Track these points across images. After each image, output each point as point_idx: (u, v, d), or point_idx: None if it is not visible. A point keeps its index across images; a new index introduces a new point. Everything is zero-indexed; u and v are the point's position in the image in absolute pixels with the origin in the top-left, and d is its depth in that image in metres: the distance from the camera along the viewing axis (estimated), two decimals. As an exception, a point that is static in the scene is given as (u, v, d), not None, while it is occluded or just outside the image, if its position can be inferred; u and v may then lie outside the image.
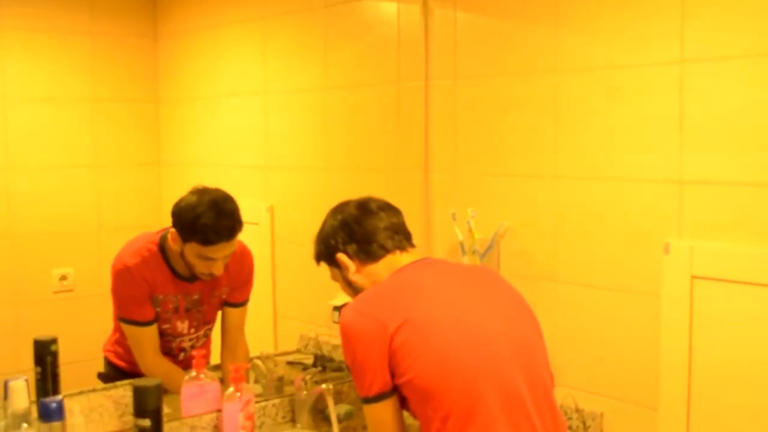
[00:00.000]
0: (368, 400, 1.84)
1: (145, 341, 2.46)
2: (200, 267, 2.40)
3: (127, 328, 2.46)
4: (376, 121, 2.89)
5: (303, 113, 3.04)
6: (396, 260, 2.00)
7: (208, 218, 2.34)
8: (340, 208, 2.09)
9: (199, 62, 3.18)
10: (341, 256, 2.02)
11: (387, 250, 2.00)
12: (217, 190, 2.43)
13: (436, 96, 2.73)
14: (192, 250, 2.37)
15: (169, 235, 2.41)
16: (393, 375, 1.82)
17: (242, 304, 2.65)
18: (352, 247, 2.01)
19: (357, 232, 2.02)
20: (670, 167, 2.19)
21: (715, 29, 2.09)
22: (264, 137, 3.09)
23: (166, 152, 3.09)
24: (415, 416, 1.85)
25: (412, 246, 2.06)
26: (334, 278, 2.10)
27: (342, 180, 2.93)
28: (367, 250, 2.00)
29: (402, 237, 2.05)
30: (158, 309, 2.46)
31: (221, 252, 2.38)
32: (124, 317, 2.45)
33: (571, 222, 2.41)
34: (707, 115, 2.12)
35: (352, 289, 2.03)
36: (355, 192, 2.66)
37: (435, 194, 2.76)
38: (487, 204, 2.60)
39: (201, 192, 2.41)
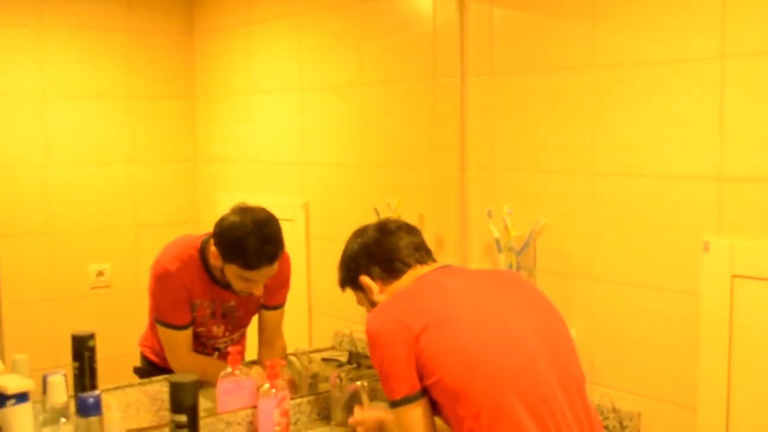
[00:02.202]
0: (397, 404, 1.83)
1: (180, 344, 2.47)
2: (240, 286, 2.40)
3: (162, 330, 2.47)
4: (412, 118, 2.88)
5: (338, 109, 3.04)
6: (417, 272, 2.02)
7: (252, 243, 2.33)
8: (359, 232, 2.12)
9: (235, 59, 3.18)
10: (364, 279, 2.04)
11: (408, 266, 2.02)
12: (260, 210, 2.42)
13: (472, 92, 2.72)
14: (233, 270, 2.37)
15: (210, 250, 2.41)
16: (421, 378, 1.81)
17: (279, 307, 2.65)
18: (374, 269, 2.04)
19: (378, 254, 2.04)
20: (710, 164, 2.16)
21: (757, 23, 2.05)
22: (299, 134, 3.09)
23: (202, 149, 3.09)
24: (447, 421, 1.83)
25: (434, 261, 2.07)
26: (359, 303, 2.11)
27: (377, 177, 2.92)
28: (389, 268, 2.02)
29: (423, 253, 2.06)
30: (194, 313, 2.47)
31: (262, 275, 2.38)
32: (161, 320, 2.47)
33: (609, 219, 2.39)
34: (748, 111, 2.09)
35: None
36: (390, 188, 2.66)
37: (471, 191, 2.74)
38: (524, 201, 2.58)
39: (243, 212, 2.40)
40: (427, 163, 2.81)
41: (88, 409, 1.96)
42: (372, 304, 2.04)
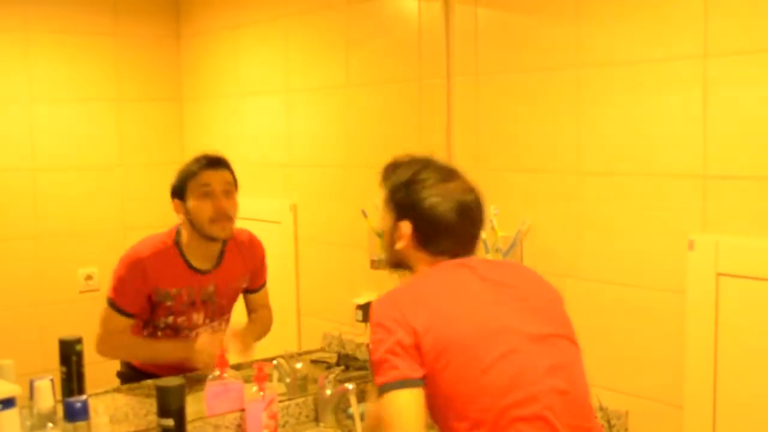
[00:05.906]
0: (389, 387, 1.69)
1: (119, 328, 2.46)
2: (209, 210, 2.48)
3: (109, 312, 2.45)
4: (398, 119, 2.88)
5: (325, 111, 3.04)
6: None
7: (193, 160, 2.54)
8: (443, 177, 1.96)
9: (222, 61, 3.18)
10: (405, 225, 1.89)
11: (445, 259, 1.89)
12: None
13: (458, 93, 2.72)
14: (193, 196, 2.48)
15: (173, 207, 2.52)
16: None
17: (262, 287, 2.74)
18: (418, 225, 1.88)
19: (433, 221, 1.87)
20: (694, 162, 2.16)
21: (739, 23, 2.06)
22: (286, 135, 3.09)
23: (190, 151, 3.08)
24: (435, 420, 1.79)
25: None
26: (382, 224, 1.96)
27: (365, 178, 2.91)
28: (429, 242, 1.89)
29: (469, 249, 1.93)
30: (170, 303, 2.49)
31: (218, 179, 2.51)
32: (114, 302, 2.46)
33: (595, 218, 2.39)
34: (731, 109, 2.09)
35: (390, 254, 1.94)
36: (377, 189, 2.64)
37: (457, 191, 2.74)
38: (510, 201, 2.58)
39: None
40: (414, 163, 2.81)
41: (75, 413, 1.96)
42: (390, 244, 1.92)
